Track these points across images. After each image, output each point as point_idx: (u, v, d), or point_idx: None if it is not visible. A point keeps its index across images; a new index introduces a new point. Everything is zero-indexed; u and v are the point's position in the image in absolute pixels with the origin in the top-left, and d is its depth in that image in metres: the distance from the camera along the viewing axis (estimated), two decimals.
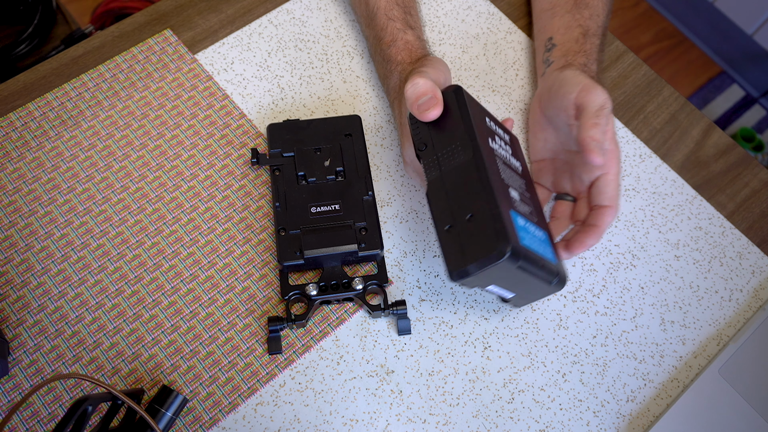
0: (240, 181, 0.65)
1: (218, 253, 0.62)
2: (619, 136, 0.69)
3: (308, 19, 0.74)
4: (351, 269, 0.61)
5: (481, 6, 0.76)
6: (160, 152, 0.66)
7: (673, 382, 0.59)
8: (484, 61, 0.73)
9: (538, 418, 0.57)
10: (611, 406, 0.58)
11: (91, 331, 0.59)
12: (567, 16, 0.66)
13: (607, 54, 0.74)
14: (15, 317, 0.59)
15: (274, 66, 0.71)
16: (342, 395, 0.57)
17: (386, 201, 0.65)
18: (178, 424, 0.55)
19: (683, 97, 0.72)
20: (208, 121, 0.68)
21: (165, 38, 0.72)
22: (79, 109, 0.68)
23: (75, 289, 0.60)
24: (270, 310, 0.60)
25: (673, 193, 0.67)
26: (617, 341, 0.60)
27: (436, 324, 0.60)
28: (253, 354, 0.58)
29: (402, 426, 0.56)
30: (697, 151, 0.70)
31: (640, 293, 0.62)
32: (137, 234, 0.62)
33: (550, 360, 0.59)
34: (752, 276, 0.63)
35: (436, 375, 0.58)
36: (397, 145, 0.68)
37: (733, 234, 0.65)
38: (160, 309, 0.60)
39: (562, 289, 0.55)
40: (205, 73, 0.70)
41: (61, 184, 0.64)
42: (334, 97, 0.70)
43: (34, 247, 0.61)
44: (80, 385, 0.57)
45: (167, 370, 0.57)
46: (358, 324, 0.60)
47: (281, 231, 0.59)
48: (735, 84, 1.74)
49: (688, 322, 0.61)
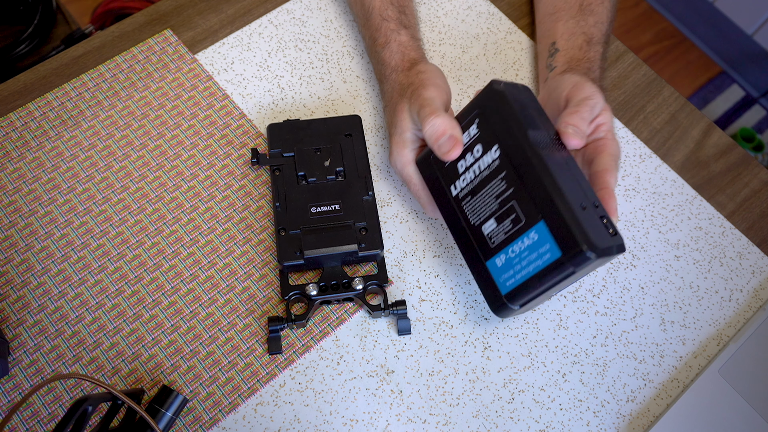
0: (240, 181, 0.65)
1: (218, 253, 0.62)
2: (619, 136, 0.69)
3: (308, 19, 0.74)
4: (351, 269, 0.61)
5: (481, 6, 0.76)
6: (160, 152, 0.66)
7: (673, 382, 0.59)
8: (484, 61, 0.73)
9: (538, 418, 0.57)
10: (611, 406, 0.58)
11: (91, 331, 0.59)
12: (571, 21, 0.66)
13: (608, 54, 0.74)
14: (15, 317, 0.59)
15: (274, 66, 0.71)
16: (342, 395, 0.57)
17: (386, 201, 0.65)
18: (178, 424, 0.55)
19: (683, 97, 0.72)
20: (208, 121, 0.68)
21: (165, 38, 0.72)
22: (79, 109, 0.68)
23: (75, 289, 0.60)
24: (270, 310, 0.60)
25: (673, 193, 0.67)
26: (617, 341, 0.60)
27: (436, 324, 0.60)
28: (253, 354, 0.58)
29: (402, 426, 0.56)
30: (697, 151, 0.70)
31: (640, 293, 0.62)
32: (137, 234, 0.62)
33: (550, 360, 0.59)
34: (752, 276, 0.63)
35: (436, 375, 0.58)
36: None
37: (733, 234, 0.65)
38: (160, 309, 0.60)
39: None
40: (205, 73, 0.70)
41: (61, 184, 0.64)
42: (334, 97, 0.70)
43: (34, 247, 0.61)
44: (80, 385, 0.57)
45: (167, 370, 0.57)
46: (358, 324, 0.60)
47: (281, 231, 0.59)
48: (735, 84, 1.74)
49: (688, 322, 0.61)
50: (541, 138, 0.51)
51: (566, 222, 0.48)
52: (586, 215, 0.48)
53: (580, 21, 0.66)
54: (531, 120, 0.52)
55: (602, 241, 0.48)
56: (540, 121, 0.53)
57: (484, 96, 0.54)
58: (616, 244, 0.49)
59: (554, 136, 0.53)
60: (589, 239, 0.47)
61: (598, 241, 0.48)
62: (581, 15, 0.66)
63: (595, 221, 0.49)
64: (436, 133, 0.54)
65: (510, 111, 0.52)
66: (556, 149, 0.52)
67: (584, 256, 0.48)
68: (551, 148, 0.52)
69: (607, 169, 0.55)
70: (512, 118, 0.51)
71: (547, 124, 0.54)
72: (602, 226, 0.49)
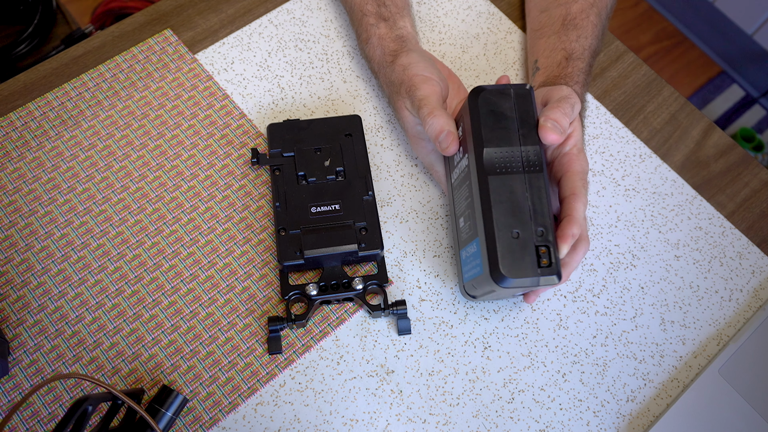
0: (240, 181, 0.65)
1: (218, 253, 0.62)
2: (619, 136, 0.69)
3: (308, 19, 0.74)
4: (351, 269, 0.61)
5: (481, 6, 0.76)
6: (160, 152, 0.66)
7: (673, 382, 0.59)
8: (484, 61, 0.73)
9: (538, 418, 0.57)
10: (611, 406, 0.58)
11: (91, 330, 0.59)
12: (553, 38, 0.66)
13: (607, 54, 0.74)
14: (15, 317, 0.59)
15: (274, 66, 0.71)
16: (342, 395, 0.57)
17: (386, 201, 0.65)
18: (178, 424, 0.55)
19: (683, 97, 0.72)
20: (208, 121, 0.68)
21: (165, 38, 0.72)
22: (79, 109, 0.68)
23: (75, 288, 0.60)
24: (270, 310, 0.60)
25: (673, 193, 0.67)
26: (617, 341, 0.60)
27: (436, 324, 0.60)
28: (253, 354, 0.58)
29: (402, 426, 0.56)
30: (697, 151, 0.70)
31: (640, 293, 0.62)
32: (137, 234, 0.62)
33: (550, 360, 0.59)
34: (752, 276, 0.63)
35: (436, 375, 0.58)
36: (397, 145, 0.68)
37: (733, 234, 0.65)
38: (160, 309, 0.60)
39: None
40: (205, 73, 0.70)
41: (61, 184, 0.64)
42: (334, 97, 0.70)
43: (34, 246, 0.62)
44: (80, 385, 0.57)
45: (167, 370, 0.57)
46: (358, 324, 0.60)
47: (281, 231, 0.59)
48: (735, 84, 1.74)
49: (688, 322, 0.61)
50: (502, 155, 0.52)
51: (489, 247, 0.51)
52: (512, 244, 0.50)
53: (561, 36, 0.65)
54: (497, 135, 0.52)
55: (517, 273, 0.50)
56: (516, 134, 0.53)
57: (465, 104, 0.55)
58: (543, 275, 0.50)
59: (535, 147, 0.53)
60: (498, 269, 0.50)
61: (509, 272, 0.50)
62: (563, 30, 0.65)
63: (523, 251, 0.50)
64: (435, 131, 0.56)
65: (476, 125, 0.53)
66: (525, 164, 0.52)
67: (496, 281, 0.50)
68: (513, 165, 0.52)
69: (575, 193, 0.55)
70: (476, 133, 0.53)
71: (530, 133, 0.53)
72: (531, 256, 0.50)
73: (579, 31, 0.65)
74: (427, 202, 0.65)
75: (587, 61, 0.64)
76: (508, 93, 0.54)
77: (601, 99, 0.72)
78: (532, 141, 0.53)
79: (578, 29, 0.65)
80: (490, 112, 0.53)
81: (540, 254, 0.51)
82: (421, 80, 0.59)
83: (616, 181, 0.67)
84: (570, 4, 0.66)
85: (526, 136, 0.53)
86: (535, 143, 0.53)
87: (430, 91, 0.58)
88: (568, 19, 0.66)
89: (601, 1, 0.67)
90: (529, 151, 0.53)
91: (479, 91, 0.53)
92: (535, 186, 0.52)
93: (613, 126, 0.70)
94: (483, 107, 0.53)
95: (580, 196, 0.54)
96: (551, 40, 0.66)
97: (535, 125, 0.53)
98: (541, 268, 0.50)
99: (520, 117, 0.53)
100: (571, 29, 0.65)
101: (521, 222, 0.51)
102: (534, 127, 0.53)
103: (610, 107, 0.71)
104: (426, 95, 0.58)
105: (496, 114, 0.53)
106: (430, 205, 0.65)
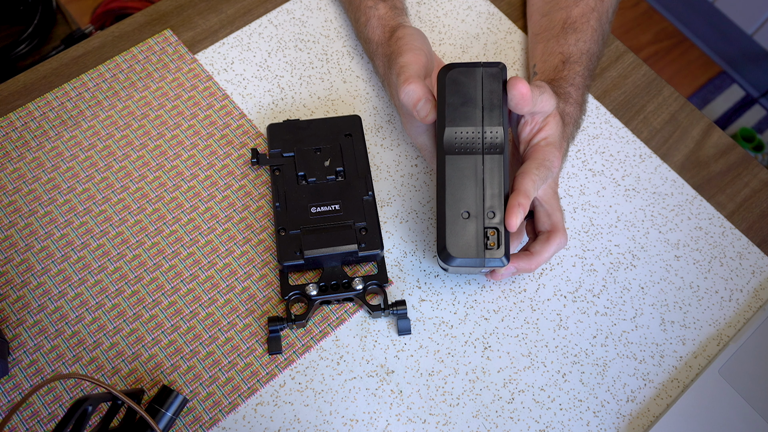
0: (240, 181, 0.65)
1: (218, 253, 0.62)
2: (619, 136, 0.69)
3: (308, 19, 0.74)
4: (351, 269, 0.61)
5: (481, 6, 0.76)
6: (160, 152, 0.66)
7: (673, 382, 0.59)
8: (484, 60, 0.73)
9: (538, 418, 0.57)
10: (611, 406, 0.58)
11: (91, 331, 0.59)
12: (551, 42, 0.66)
13: (607, 54, 0.74)
14: (15, 317, 0.59)
15: (274, 66, 0.71)
16: (342, 395, 0.57)
17: (386, 201, 0.65)
18: (178, 424, 0.55)
19: (683, 97, 0.72)
20: (208, 121, 0.68)
21: (165, 38, 0.72)
22: (79, 109, 0.68)
23: (75, 289, 0.60)
24: (270, 310, 0.60)
25: (673, 193, 0.67)
26: (617, 341, 0.60)
27: (436, 324, 0.60)
28: (253, 354, 0.58)
29: (402, 426, 0.56)
30: (697, 151, 0.70)
31: (640, 293, 0.62)
32: (137, 234, 0.62)
33: (550, 360, 0.59)
34: (752, 276, 0.63)
35: (436, 375, 0.58)
36: (397, 146, 0.68)
37: (733, 234, 0.65)
38: (160, 309, 0.60)
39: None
40: (205, 73, 0.70)
41: (61, 184, 0.64)
42: (334, 97, 0.70)
43: (34, 247, 0.61)
44: (80, 385, 0.57)
45: (167, 370, 0.57)
46: (358, 324, 0.60)
47: (281, 231, 0.59)
48: (735, 84, 1.74)
49: (688, 322, 0.61)
50: (462, 135, 0.52)
51: (439, 225, 0.52)
52: (460, 224, 0.52)
53: (560, 40, 0.65)
54: (460, 114, 0.52)
55: (463, 252, 0.51)
56: (480, 115, 0.52)
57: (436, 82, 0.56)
58: (490, 257, 0.51)
59: (498, 128, 0.52)
60: (444, 248, 0.51)
61: (455, 251, 0.51)
62: (562, 34, 0.65)
63: (471, 231, 0.51)
64: (412, 100, 0.54)
65: (441, 103, 0.53)
66: (486, 145, 0.52)
67: (443, 260, 0.52)
68: (473, 145, 0.52)
69: (523, 171, 0.54)
70: (440, 112, 0.53)
71: (493, 114, 0.53)
72: (479, 237, 0.51)
73: (578, 35, 0.65)
74: (427, 202, 0.65)
75: (585, 65, 0.64)
76: (478, 72, 0.53)
77: (601, 99, 0.72)
78: (497, 122, 0.52)
79: (578, 33, 0.65)
80: (457, 92, 0.53)
81: (489, 236, 0.51)
82: (407, 48, 0.58)
83: (616, 181, 0.67)
84: (571, 8, 0.66)
85: (491, 117, 0.52)
86: (498, 124, 0.52)
87: (412, 59, 0.57)
88: (568, 22, 0.66)
89: (602, 6, 0.67)
90: (492, 132, 0.52)
91: (448, 69, 0.53)
92: (493, 168, 0.52)
93: (613, 126, 0.70)
94: (450, 86, 0.53)
95: (528, 173, 0.54)
96: (550, 45, 0.66)
97: (500, 105, 0.53)
98: (488, 250, 0.51)
99: (485, 97, 0.53)
100: (570, 33, 0.65)
101: (473, 202, 0.52)
102: (499, 107, 0.52)
103: (610, 107, 0.71)
104: (407, 62, 0.57)
105: (461, 93, 0.53)
106: (430, 205, 0.65)
